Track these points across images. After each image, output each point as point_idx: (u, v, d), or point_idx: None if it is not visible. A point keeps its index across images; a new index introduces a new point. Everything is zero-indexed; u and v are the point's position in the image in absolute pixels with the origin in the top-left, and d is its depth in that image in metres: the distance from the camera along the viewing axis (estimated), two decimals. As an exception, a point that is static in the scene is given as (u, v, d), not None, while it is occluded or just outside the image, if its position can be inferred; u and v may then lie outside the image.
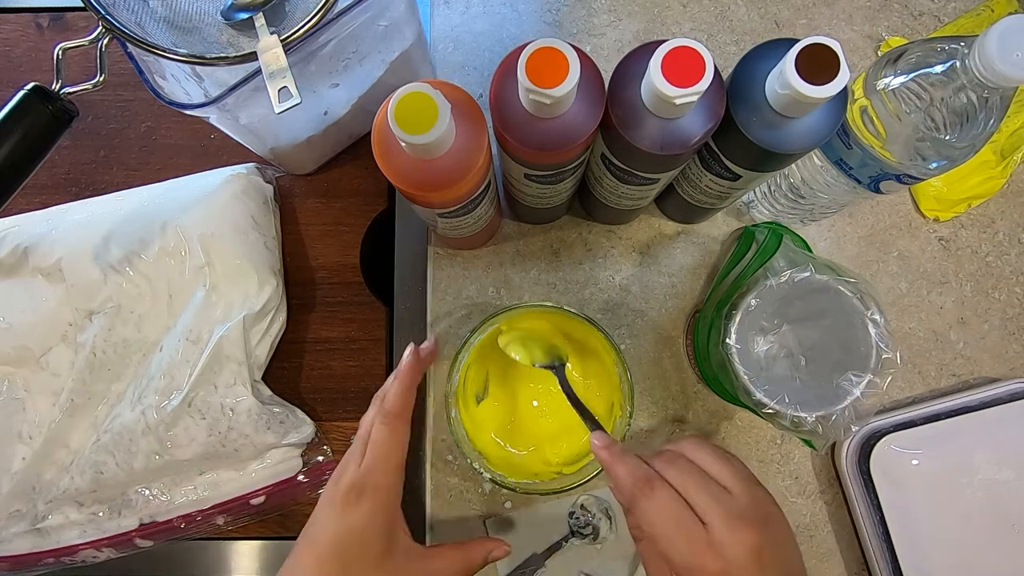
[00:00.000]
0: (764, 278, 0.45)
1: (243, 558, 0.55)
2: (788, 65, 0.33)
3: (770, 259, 0.47)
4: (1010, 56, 0.32)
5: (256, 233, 0.54)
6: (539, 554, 0.52)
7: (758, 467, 0.54)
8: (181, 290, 0.53)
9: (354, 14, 0.40)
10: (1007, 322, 0.55)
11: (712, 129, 0.36)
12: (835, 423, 0.43)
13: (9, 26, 0.61)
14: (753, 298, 0.44)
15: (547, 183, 0.43)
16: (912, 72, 0.37)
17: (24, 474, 0.51)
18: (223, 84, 0.41)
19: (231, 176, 0.55)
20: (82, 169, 0.59)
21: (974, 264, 0.56)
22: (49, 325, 0.52)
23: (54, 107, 0.39)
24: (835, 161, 0.44)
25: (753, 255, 0.50)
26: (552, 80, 0.32)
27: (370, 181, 0.59)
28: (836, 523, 0.53)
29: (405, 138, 0.33)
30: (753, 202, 0.55)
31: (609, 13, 0.59)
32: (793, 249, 0.47)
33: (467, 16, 0.60)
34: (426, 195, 0.38)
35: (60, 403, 0.52)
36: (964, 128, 0.37)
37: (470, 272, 0.56)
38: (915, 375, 0.55)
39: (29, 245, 0.53)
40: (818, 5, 0.59)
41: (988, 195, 0.55)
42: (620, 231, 0.57)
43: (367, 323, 0.57)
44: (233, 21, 0.43)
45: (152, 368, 0.52)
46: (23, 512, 0.51)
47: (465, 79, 0.59)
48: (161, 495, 0.52)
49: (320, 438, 0.55)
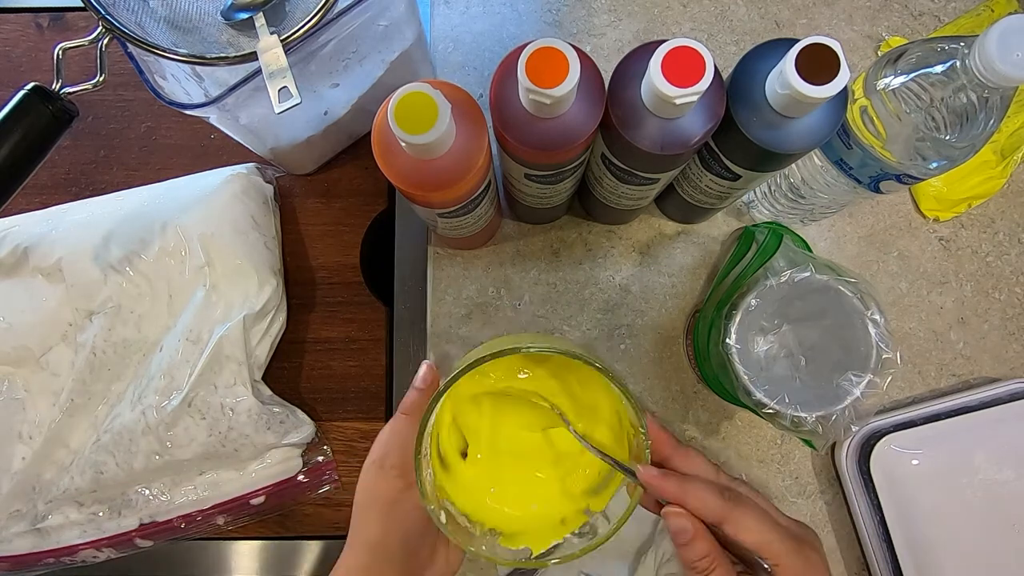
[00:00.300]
0: (764, 278, 0.45)
1: (243, 558, 0.55)
2: (788, 65, 0.33)
3: (770, 259, 0.47)
4: (1010, 56, 0.32)
5: (256, 233, 0.54)
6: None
7: (758, 467, 0.54)
8: (181, 290, 0.53)
9: (354, 14, 0.40)
10: (1007, 322, 0.55)
11: (712, 129, 0.36)
12: (835, 423, 0.43)
13: (9, 26, 0.61)
14: (753, 298, 0.44)
15: (547, 183, 0.43)
16: (912, 72, 0.37)
17: (24, 474, 0.51)
18: (223, 84, 0.41)
19: (231, 176, 0.55)
20: (82, 169, 0.59)
21: (974, 264, 0.56)
22: (49, 325, 0.52)
23: (54, 107, 0.39)
24: (835, 161, 0.44)
25: (753, 255, 0.50)
26: (552, 80, 0.32)
27: (370, 181, 0.59)
28: (836, 523, 0.53)
29: (405, 138, 0.33)
30: (753, 202, 0.55)
31: (609, 13, 0.59)
32: (793, 249, 0.47)
33: (467, 16, 0.60)
34: (426, 195, 0.38)
35: (60, 403, 0.52)
36: (964, 128, 0.37)
37: (470, 272, 0.56)
38: (915, 375, 0.55)
39: (29, 245, 0.53)
40: (818, 5, 0.59)
41: (988, 195, 0.55)
42: (620, 231, 0.57)
43: (367, 323, 0.57)
44: (233, 21, 0.43)
45: (152, 368, 0.52)
46: (23, 512, 0.51)
47: (465, 79, 0.59)
48: (161, 495, 0.52)
49: (320, 438, 0.55)
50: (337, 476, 0.55)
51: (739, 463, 0.54)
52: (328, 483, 0.54)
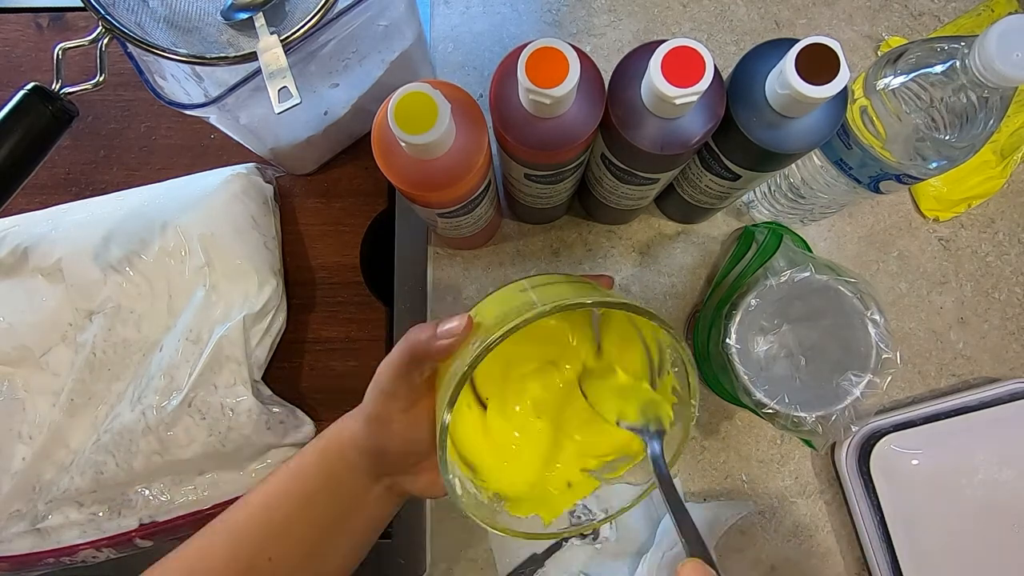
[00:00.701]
0: (764, 278, 0.45)
1: (243, 558, 0.55)
2: (788, 65, 0.33)
3: (770, 259, 0.47)
4: (1010, 56, 0.32)
5: (256, 233, 0.54)
6: (539, 554, 0.52)
7: (758, 467, 0.54)
8: (181, 290, 0.53)
9: (354, 14, 0.40)
10: (1007, 322, 0.55)
11: (712, 129, 0.36)
12: (835, 423, 0.43)
13: (9, 26, 0.61)
14: (753, 298, 0.44)
15: (547, 183, 0.43)
16: (912, 72, 0.37)
17: (24, 474, 0.51)
18: (223, 84, 0.41)
19: (231, 176, 0.55)
20: (82, 169, 0.59)
21: (974, 264, 0.56)
22: (49, 325, 0.52)
23: (54, 107, 0.39)
24: (835, 161, 0.44)
25: (753, 255, 0.50)
26: (552, 80, 0.32)
27: (370, 181, 0.59)
28: (836, 523, 0.53)
29: (405, 138, 0.33)
30: (753, 202, 0.55)
31: (609, 13, 0.59)
32: (793, 249, 0.47)
33: (467, 16, 0.60)
34: (426, 195, 0.38)
35: (60, 403, 0.52)
36: (964, 128, 0.37)
37: (470, 272, 0.56)
38: (915, 375, 0.55)
39: (29, 245, 0.53)
40: (818, 5, 0.59)
41: (988, 195, 0.55)
42: (620, 231, 0.57)
43: (367, 323, 0.57)
44: (233, 21, 0.43)
45: (152, 368, 0.52)
46: (23, 512, 0.51)
47: (465, 79, 0.59)
48: (161, 495, 0.52)
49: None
50: (337, 476, 0.55)
51: (739, 463, 0.54)
52: (328, 483, 0.54)
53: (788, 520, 0.53)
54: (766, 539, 0.53)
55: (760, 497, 0.54)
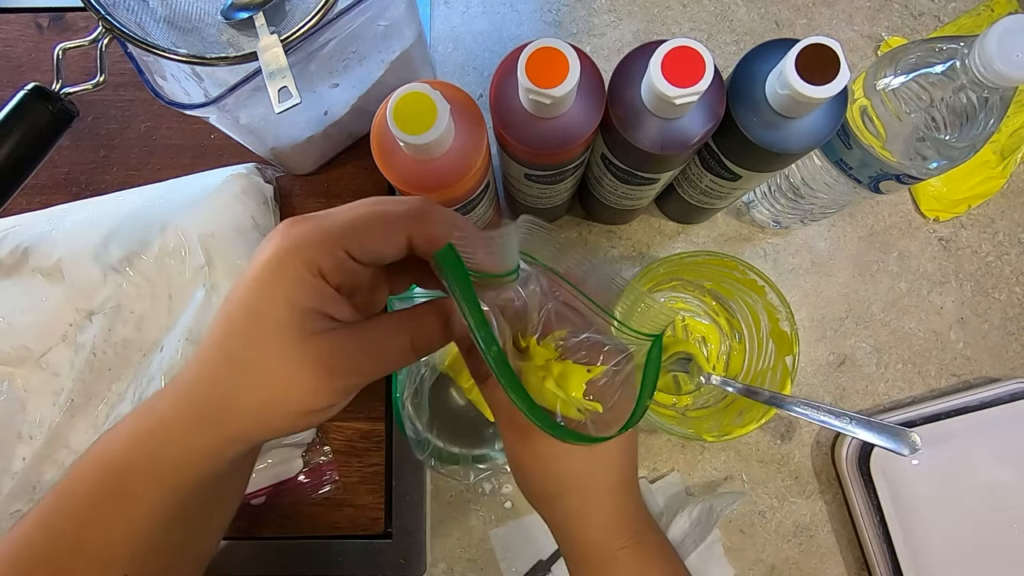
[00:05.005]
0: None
1: (243, 558, 0.55)
2: (788, 65, 0.33)
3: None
4: (1010, 56, 0.32)
5: (256, 233, 0.54)
6: (544, 561, 0.52)
7: (758, 467, 0.54)
8: (181, 290, 0.53)
9: (354, 14, 0.40)
10: (1007, 322, 0.55)
11: (712, 129, 0.36)
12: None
13: (9, 26, 0.61)
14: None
15: (547, 183, 0.43)
16: (912, 72, 0.37)
17: (25, 474, 0.51)
18: (223, 84, 0.41)
19: (231, 176, 0.55)
20: (82, 169, 0.59)
21: (974, 264, 0.56)
22: (49, 325, 0.52)
23: (54, 107, 0.39)
24: (835, 161, 0.44)
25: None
26: (552, 80, 0.32)
27: (370, 181, 0.59)
28: (836, 523, 0.53)
29: (404, 138, 0.33)
30: (753, 202, 0.55)
31: (609, 13, 0.59)
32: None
33: (467, 16, 0.60)
34: (425, 195, 0.38)
35: (60, 403, 0.52)
36: (964, 128, 0.37)
37: (470, 272, 0.56)
38: (915, 375, 0.55)
39: (29, 245, 0.53)
40: (818, 5, 0.59)
41: (988, 195, 0.55)
42: (620, 231, 0.57)
43: (367, 323, 0.57)
44: (233, 21, 0.43)
45: (152, 368, 0.52)
46: (23, 512, 0.51)
47: (465, 79, 0.59)
48: (161, 495, 0.52)
49: (320, 438, 0.55)
50: (337, 476, 0.55)
51: (739, 463, 0.54)
52: (328, 483, 0.54)
53: (788, 520, 0.53)
54: (766, 539, 0.53)
55: (760, 497, 0.54)
